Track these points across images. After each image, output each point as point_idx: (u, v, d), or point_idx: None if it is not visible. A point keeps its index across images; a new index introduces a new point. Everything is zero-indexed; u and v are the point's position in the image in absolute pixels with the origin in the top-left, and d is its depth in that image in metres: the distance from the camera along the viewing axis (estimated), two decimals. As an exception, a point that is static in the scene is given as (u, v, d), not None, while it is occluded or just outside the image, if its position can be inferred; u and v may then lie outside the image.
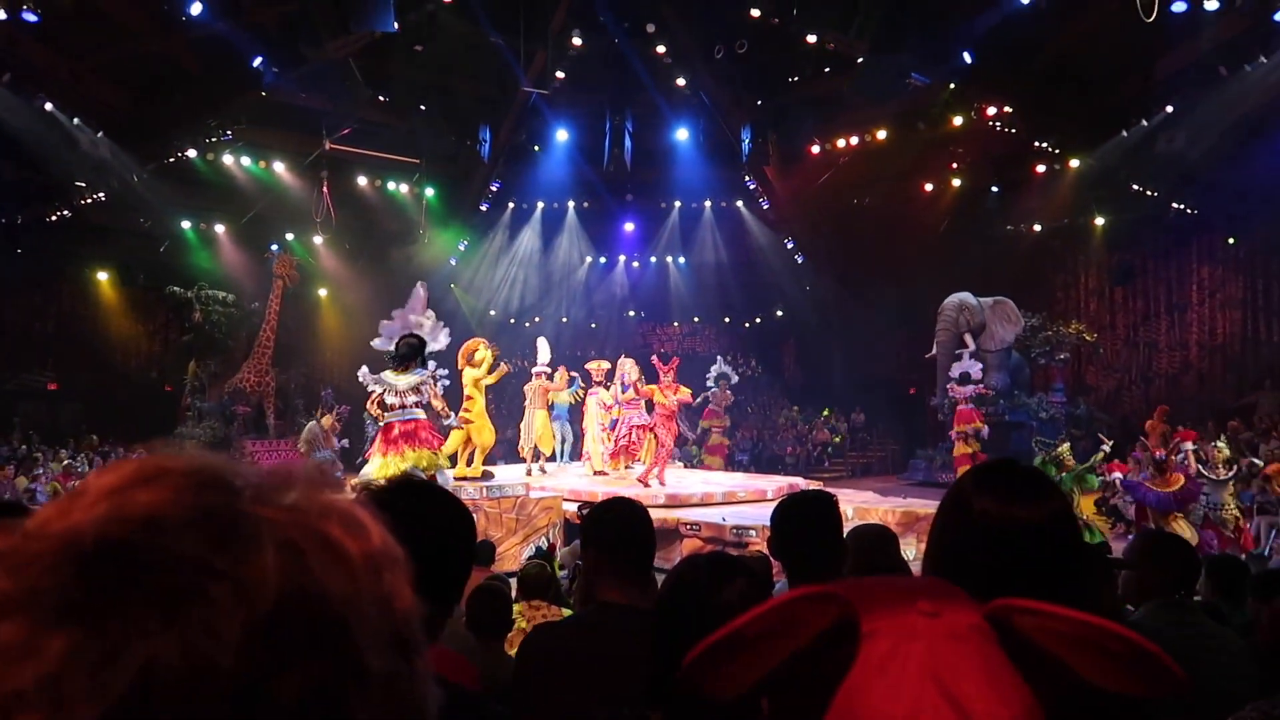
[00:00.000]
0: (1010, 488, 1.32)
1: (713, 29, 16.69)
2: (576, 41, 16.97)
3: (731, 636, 0.67)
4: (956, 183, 19.32)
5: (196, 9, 12.57)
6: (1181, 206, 17.10)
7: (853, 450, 21.96)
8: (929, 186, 19.69)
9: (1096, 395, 19.31)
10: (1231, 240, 17.35)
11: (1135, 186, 16.77)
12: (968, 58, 14.15)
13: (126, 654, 0.41)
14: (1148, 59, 14.11)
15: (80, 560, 0.43)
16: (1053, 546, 1.32)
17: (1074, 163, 16.72)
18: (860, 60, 14.68)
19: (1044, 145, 16.85)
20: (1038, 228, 19.40)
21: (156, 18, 13.37)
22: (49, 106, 14.18)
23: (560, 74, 17.65)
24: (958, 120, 16.69)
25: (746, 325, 25.02)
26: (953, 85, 15.44)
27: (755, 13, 15.49)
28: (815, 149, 18.76)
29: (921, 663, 0.66)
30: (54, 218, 17.04)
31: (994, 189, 19.26)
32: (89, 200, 16.56)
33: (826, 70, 17.15)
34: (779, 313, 24.61)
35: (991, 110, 16.23)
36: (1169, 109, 14.39)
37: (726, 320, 25.20)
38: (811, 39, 14.96)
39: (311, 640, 0.46)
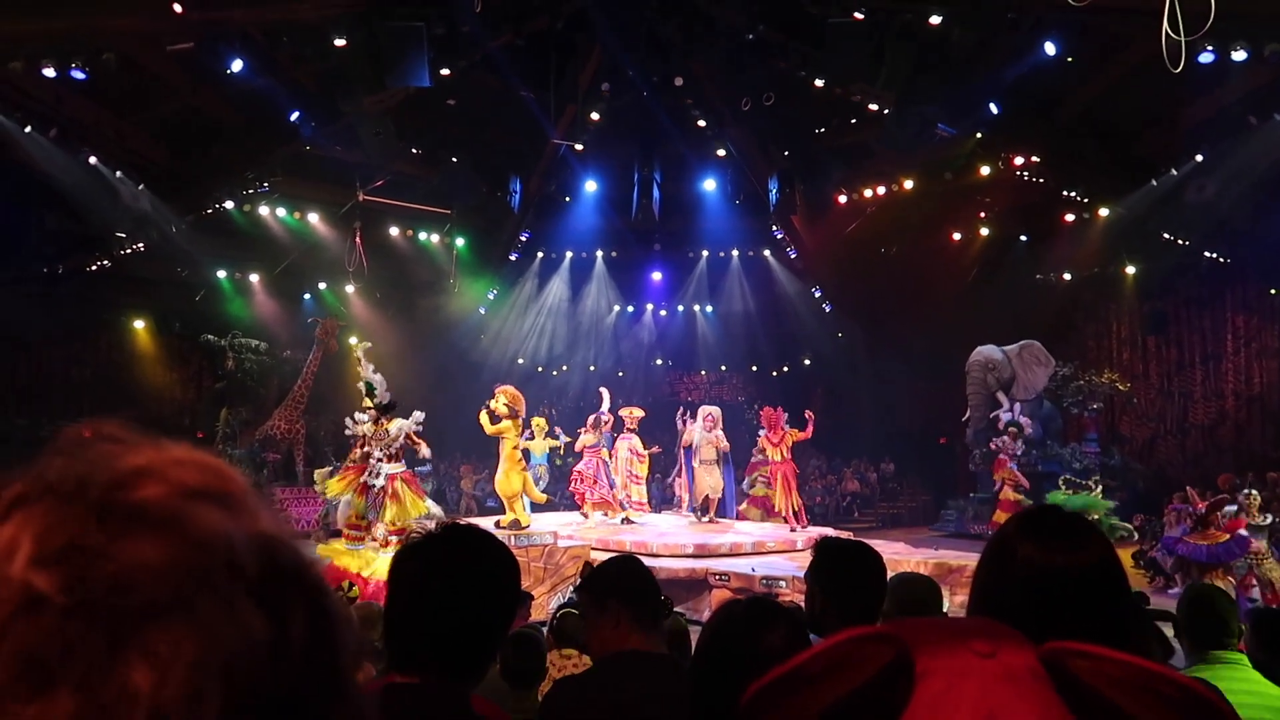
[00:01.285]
0: (1054, 534, 1.32)
1: (740, 82, 16.91)
2: (605, 95, 17.26)
3: (792, 674, 0.68)
4: (984, 232, 19.31)
5: (237, 66, 12.93)
6: (1214, 255, 16.96)
7: (882, 500, 21.70)
8: (957, 236, 19.69)
9: (1131, 445, 19.02)
10: (1274, 291, 17.13)
11: (1166, 235, 16.66)
12: (994, 108, 14.23)
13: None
14: (1175, 108, 14.12)
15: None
16: (1096, 594, 1.30)
17: (1103, 212, 16.66)
18: (886, 111, 14.80)
19: (1072, 195, 16.83)
20: (1068, 277, 19.29)
21: (198, 75, 13.75)
22: (93, 160, 14.58)
23: (589, 126, 17.92)
24: (985, 170, 16.74)
25: (774, 374, 24.96)
26: (979, 135, 15.52)
27: (783, 65, 15.70)
28: (842, 199, 18.86)
29: (975, 702, 0.66)
30: (94, 267, 17.42)
31: (1022, 238, 19.22)
32: (128, 250, 16.93)
33: (853, 121, 17.29)
34: (806, 361, 24.54)
35: (1019, 160, 16.26)
36: (1198, 158, 14.34)
37: (754, 369, 25.16)
38: (838, 90, 15.12)
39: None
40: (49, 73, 11.97)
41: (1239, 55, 11.09)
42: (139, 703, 0.39)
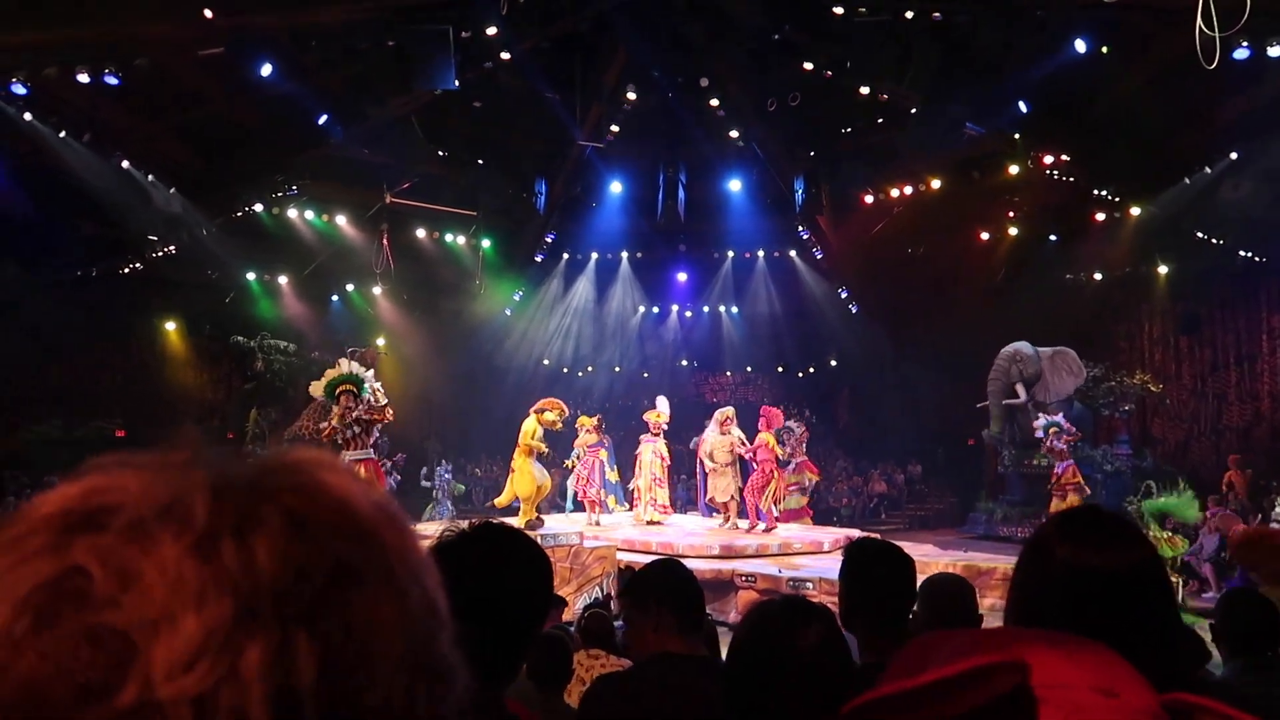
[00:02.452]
0: (1095, 535, 1.29)
1: (765, 82, 16.87)
2: (631, 96, 17.29)
3: (906, 695, 0.66)
4: (1013, 232, 19.09)
5: (266, 70, 13.06)
6: (1249, 254, 16.70)
7: (910, 502, 21.55)
8: (985, 236, 19.49)
9: (1163, 447, 18.75)
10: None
11: (1199, 234, 16.42)
12: (1023, 107, 14.09)
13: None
14: (1209, 106, 13.91)
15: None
16: (1137, 596, 1.28)
17: (1135, 210, 16.44)
18: (914, 111, 14.70)
19: (1103, 193, 16.61)
20: (1098, 276, 19.06)
21: (228, 80, 13.91)
22: (125, 164, 14.78)
23: (614, 128, 17.95)
24: (1014, 169, 16.55)
25: (800, 375, 24.85)
26: (1017, 136, 15.37)
27: (808, 65, 15.63)
28: (869, 199, 18.73)
29: None
30: (126, 270, 17.65)
31: (1052, 238, 19.00)
32: (159, 253, 17.15)
33: (880, 121, 17.19)
34: (833, 363, 24.42)
35: (1048, 159, 16.08)
36: (1233, 156, 14.13)
37: (780, 370, 25.06)
38: (865, 90, 15.04)
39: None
40: (83, 79, 12.16)
41: (1275, 51, 10.91)
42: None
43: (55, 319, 16.49)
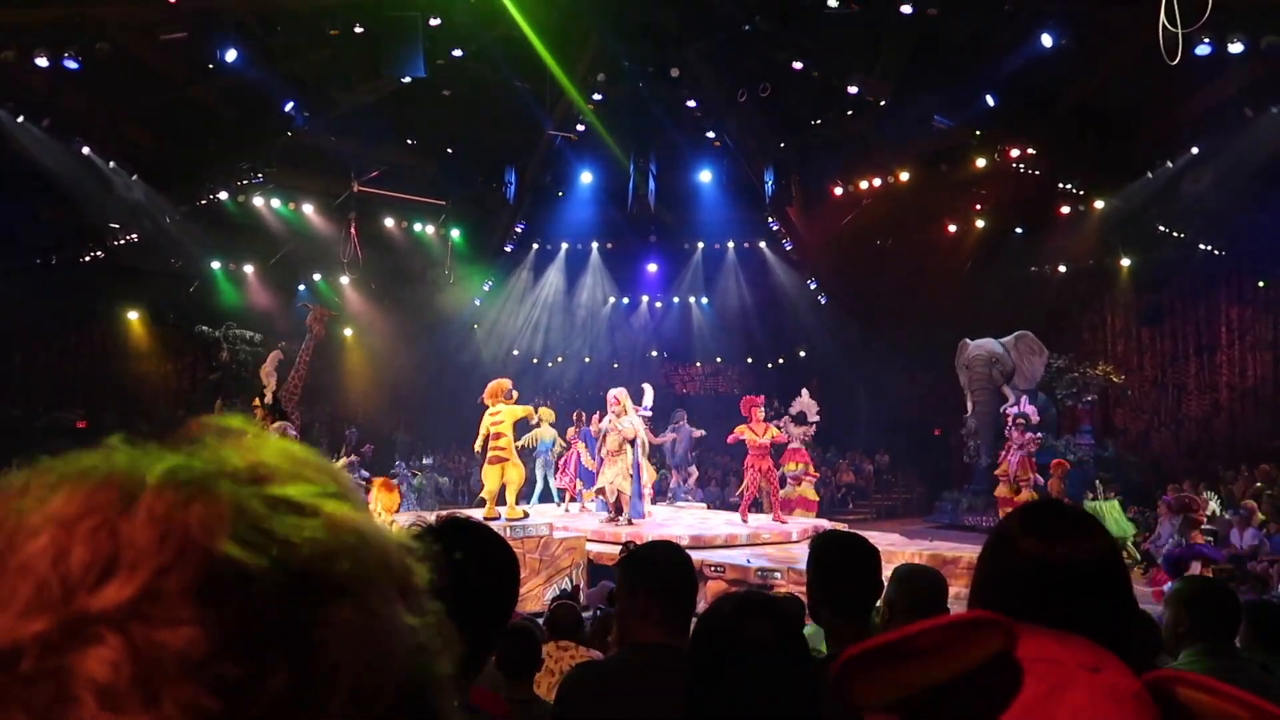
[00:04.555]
0: (1056, 527, 1.31)
1: (736, 73, 16.87)
2: (601, 86, 17.19)
3: (894, 645, 0.66)
4: (980, 224, 19.28)
5: (231, 56, 12.85)
6: (1209, 248, 16.99)
7: (877, 492, 21.73)
8: (952, 228, 19.67)
9: (1125, 437, 19.06)
10: (1262, 284, 17.19)
11: (1161, 228, 16.68)
12: (990, 100, 14.21)
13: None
14: (1172, 101, 14.11)
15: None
16: (1100, 588, 1.30)
17: (1099, 204, 16.67)
18: (883, 103, 14.78)
19: (1068, 187, 16.82)
20: (1063, 269, 19.30)
21: (192, 66, 13.68)
22: (86, 150, 14.50)
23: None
24: (981, 162, 16.71)
25: (769, 366, 24.95)
26: (979, 133, 15.49)
27: (779, 56, 15.66)
28: (838, 190, 18.83)
29: (1081, 713, 0.65)
30: (88, 258, 17.34)
31: (1018, 230, 19.20)
32: (122, 241, 16.87)
33: (849, 113, 17.27)
34: (802, 353, 24.53)
35: (1015, 152, 16.25)
36: (1194, 150, 14.35)
37: (749, 361, 25.15)
38: (835, 82, 15.09)
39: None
40: (42, 63, 11.92)
41: (1235, 48, 11.08)
42: (338, 674, 0.43)
43: (16, 307, 16.18)
